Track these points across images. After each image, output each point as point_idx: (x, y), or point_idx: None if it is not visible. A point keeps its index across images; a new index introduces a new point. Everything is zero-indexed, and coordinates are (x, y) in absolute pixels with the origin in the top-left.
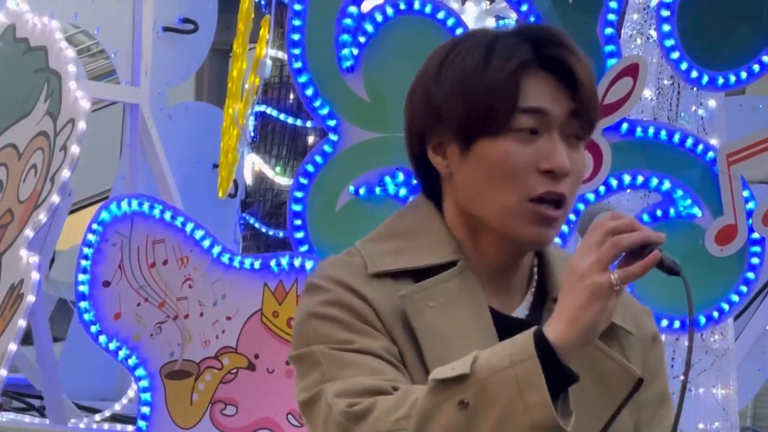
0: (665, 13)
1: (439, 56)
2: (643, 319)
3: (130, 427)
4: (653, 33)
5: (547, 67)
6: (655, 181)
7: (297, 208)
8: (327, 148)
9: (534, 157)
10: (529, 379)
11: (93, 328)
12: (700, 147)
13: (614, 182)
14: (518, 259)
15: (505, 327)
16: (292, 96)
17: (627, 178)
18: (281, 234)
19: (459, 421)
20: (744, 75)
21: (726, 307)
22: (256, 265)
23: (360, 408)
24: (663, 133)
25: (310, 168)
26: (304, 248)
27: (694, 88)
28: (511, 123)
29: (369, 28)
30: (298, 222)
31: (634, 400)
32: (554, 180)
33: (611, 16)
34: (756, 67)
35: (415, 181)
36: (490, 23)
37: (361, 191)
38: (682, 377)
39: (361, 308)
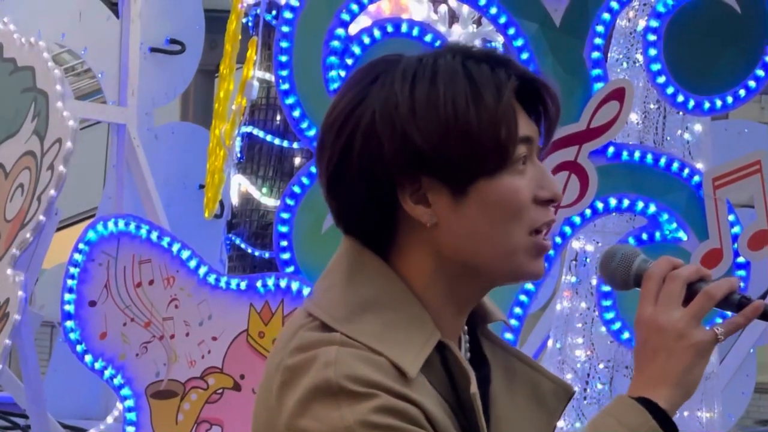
0: (652, 37)
1: (402, 91)
2: None
3: None
4: (640, 57)
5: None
6: (640, 205)
7: (283, 229)
8: (314, 169)
9: (531, 188)
10: None
11: (79, 348)
12: (686, 171)
13: (600, 205)
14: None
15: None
16: (278, 117)
17: (613, 201)
18: (267, 255)
19: None
20: (730, 100)
21: None
22: (242, 285)
23: None
24: (649, 157)
25: (296, 189)
26: (290, 269)
27: (680, 113)
28: (512, 155)
29: (356, 50)
30: (284, 243)
31: None
32: (549, 208)
33: (598, 40)
34: (742, 92)
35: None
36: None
37: None
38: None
39: (413, 413)
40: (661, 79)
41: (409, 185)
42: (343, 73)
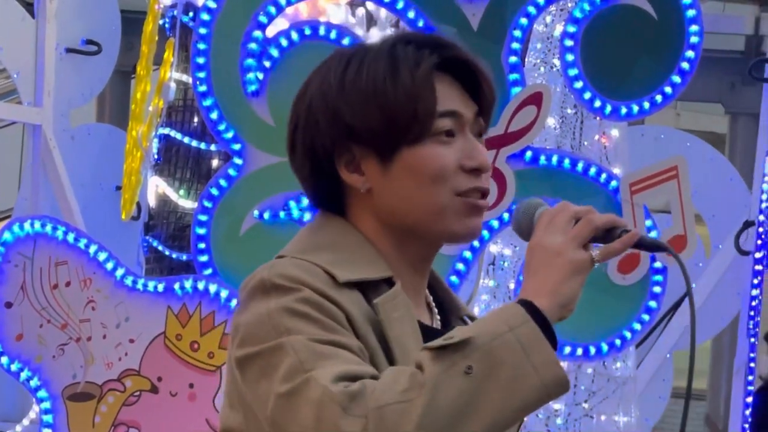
0: (569, 42)
1: (335, 72)
2: None
3: None
4: (557, 62)
5: (451, 69)
6: None
7: (201, 231)
8: (231, 171)
9: (457, 157)
10: (531, 340)
11: None
12: (604, 176)
13: None
14: (428, 264)
15: (431, 339)
16: (196, 119)
17: None
18: (185, 257)
19: (468, 388)
20: (647, 105)
21: (628, 335)
22: (160, 287)
23: (354, 388)
24: (566, 162)
25: (214, 191)
26: (208, 272)
27: (598, 118)
28: (431, 127)
29: (274, 52)
30: (202, 245)
31: None
32: (478, 176)
33: (515, 45)
34: (658, 98)
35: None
36: None
37: (266, 215)
38: (584, 404)
39: (335, 312)
40: (579, 84)
41: (344, 156)
42: (260, 75)
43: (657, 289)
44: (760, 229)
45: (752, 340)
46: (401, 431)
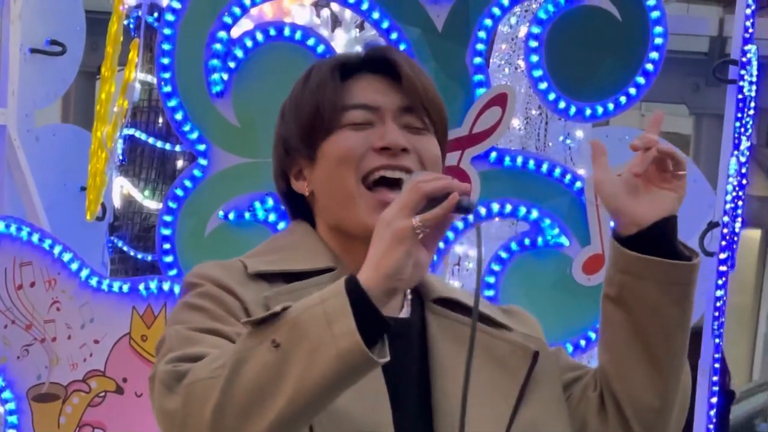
0: (533, 43)
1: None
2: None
3: None
4: (521, 63)
5: (373, 69)
6: (523, 210)
7: (166, 232)
8: (196, 172)
9: (368, 140)
10: (337, 311)
11: None
12: (568, 177)
13: (483, 210)
14: None
15: (396, 329)
16: (161, 120)
17: (495, 207)
18: (150, 257)
19: (272, 361)
20: (611, 106)
21: (593, 335)
22: (125, 288)
23: (184, 368)
24: (531, 163)
25: (179, 192)
26: (173, 272)
27: (562, 119)
28: (341, 119)
29: (239, 53)
30: (167, 246)
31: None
32: (391, 156)
33: (480, 46)
34: (623, 99)
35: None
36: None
37: (231, 216)
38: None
39: (230, 302)
40: (543, 86)
41: (293, 168)
42: (225, 76)
43: None
44: (725, 230)
45: (717, 341)
46: (207, 406)
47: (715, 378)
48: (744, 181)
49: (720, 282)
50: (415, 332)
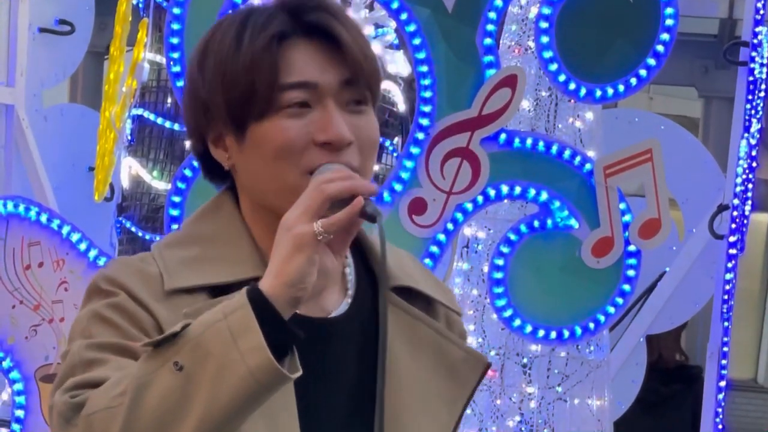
0: (544, 24)
1: (201, 43)
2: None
3: (4, 431)
4: (532, 44)
5: (310, 35)
6: (532, 192)
7: (174, 212)
8: None
9: (308, 131)
10: (242, 325)
11: None
12: (578, 159)
13: (492, 192)
14: None
15: (317, 332)
16: (169, 100)
17: (505, 189)
18: (158, 238)
19: (176, 385)
20: (621, 88)
21: (602, 318)
22: None
23: (82, 397)
24: (541, 145)
25: (187, 173)
26: None
27: (572, 100)
28: (277, 101)
29: None
30: (175, 227)
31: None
32: (334, 151)
33: (490, 27)
34: (633, 81)
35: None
36: (369, 31)
37: None
38: (557, 388)
39: (144, 318)
40: (553, 67)
41: (211, 132)
42: None
43: (631, 272)
44: (734, 213)
45: (726, 324)
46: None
47: (724, 362)
48: (754, 164)
49: (729, 265)
50: (356, 330)
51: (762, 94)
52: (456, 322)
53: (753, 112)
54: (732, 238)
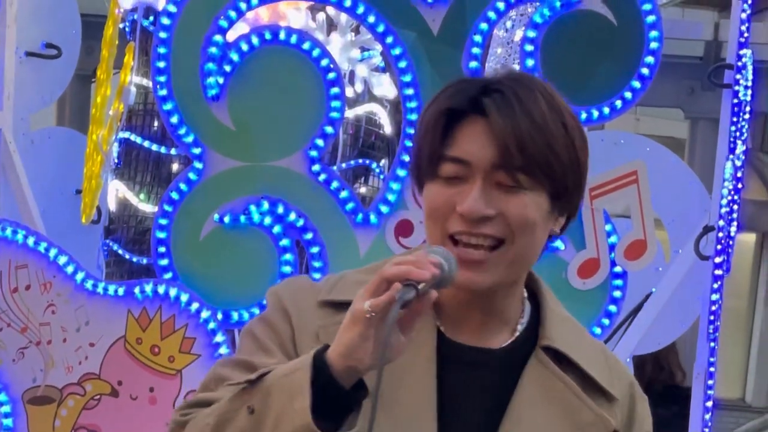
0: (529, 47)
1: None
2: (625, 382)
3: None
4: (517, 67)
5: (484, 114)
6: None
7: (161, 235)
8: (192, 175)
9: (453, 200)
10: (299, 385)
11: None
12: None
13: None
14: (476, 297)
15: (473, 357)
16: (156, 123)
17: None
18: (145, 261)
19: (246, 427)
20: (607, 110)
21: None
22: (120, 291)
23: (188, 417)
24: None
25: (174, 195)
26: (168, 275)
27: None
28: (438, 169)
29: (234, 57)
30: (162, 249)
31: None
32: (470, 221)
33: (476, 50)
34: (618, 103)
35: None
36: (355, 54)
37: (226, 219)
38: None
39: (282, 330)
40: None
41: (417, 183)
42: (221, 80)
43: (617, 293)
44: (720, 234)
45: (712, 344)
46: None
47: (710, 382)
48: (739, 185)
49: (715, 286)
50: (503, 369)
51: (747, 116)
52: (613, 407)
53: (738, 133)
54: (718, 259)
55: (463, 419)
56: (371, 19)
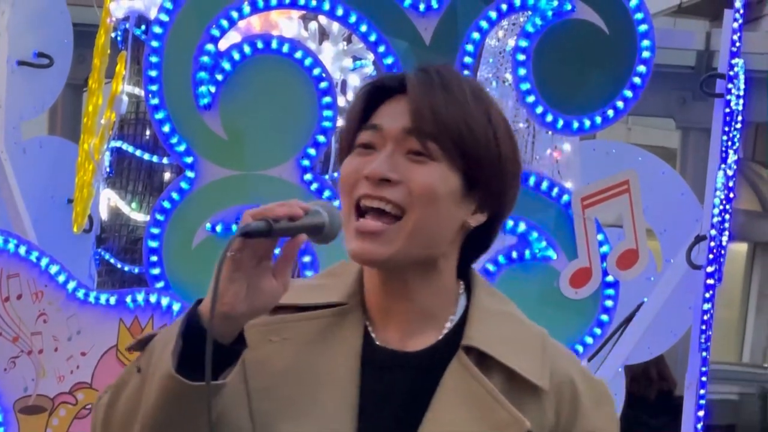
0: (521, 57)
1: None
2: (564, 369)
3: None
4: (509, 76)
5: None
6: (510, 223)
7: (153, 244)
8: (184, 184)
9: (362, 167)
10: (171, 335)
11: None
12: (555, 190)
13: None
14: (392, 287)
15: (394, 361)
16: (148, 132)
17: None
18: (137, 270)
19: (137, 385)
20: (598, 120)
21: (580, 348)
22: (112, 300)
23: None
24: None
25: (166, 204)
26: (160, 284)
27: (550, 132)
28: (356, 139)
29: (226, 66)
30: (154, 258)
31: None
32: (373, 184)
33: (467, 59)
34: (610, 113)
35: None
36: (347, 63)
37: (218, 228)
38: None
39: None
40: (531, 99)
41: None
42: (213, 89)
43: (609, 303)
44: (712, 244)
45: (704, 354)
46: (97, 425)
47: (702, 391)
48: (731, 195)
49: (707, 295)
50: (424, 372)
51: (738, 125)
52: (541, 397)
53: (730, 143)
54: (710, 269)
55: (382, 423)
56: (363, 28)
